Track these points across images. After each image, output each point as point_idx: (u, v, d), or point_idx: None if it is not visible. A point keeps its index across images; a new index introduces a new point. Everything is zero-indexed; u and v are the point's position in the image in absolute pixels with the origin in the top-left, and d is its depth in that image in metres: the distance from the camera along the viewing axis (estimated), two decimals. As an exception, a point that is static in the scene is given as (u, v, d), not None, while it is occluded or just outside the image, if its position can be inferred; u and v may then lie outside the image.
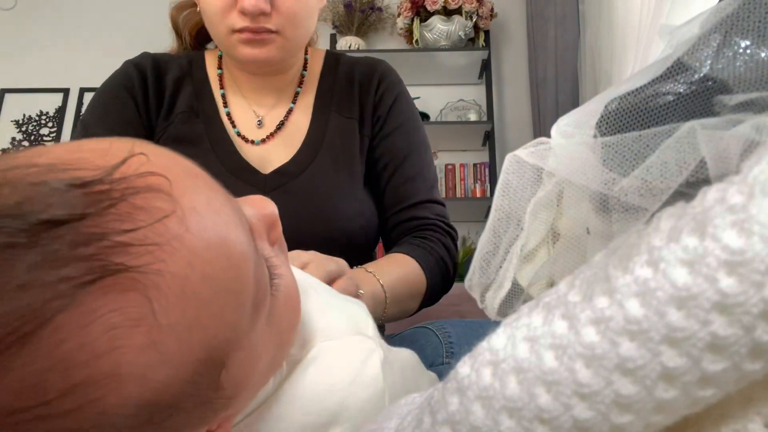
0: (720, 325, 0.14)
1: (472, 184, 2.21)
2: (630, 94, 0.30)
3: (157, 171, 0.20)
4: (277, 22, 0.58)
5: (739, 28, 0.29)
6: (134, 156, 0.20)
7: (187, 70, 0.68)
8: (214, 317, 0.20)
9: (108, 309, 0.18)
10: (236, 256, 0.21)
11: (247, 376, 0.23)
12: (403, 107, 0.69)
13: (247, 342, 0.23)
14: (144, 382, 0.19)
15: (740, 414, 0.16)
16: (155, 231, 0.19)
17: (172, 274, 0.19)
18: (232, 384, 0.22)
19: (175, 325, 0.19)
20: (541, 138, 0.32)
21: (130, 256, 0.18)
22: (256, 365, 0.24)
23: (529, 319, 0.17)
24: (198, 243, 0.20)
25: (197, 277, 0.19)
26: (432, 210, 0.66)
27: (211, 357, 0.21)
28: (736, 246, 0.15)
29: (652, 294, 0.15)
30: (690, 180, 0.27)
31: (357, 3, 2.25)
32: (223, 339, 0.21)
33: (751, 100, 0.28)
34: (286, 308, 0.26)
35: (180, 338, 0.19)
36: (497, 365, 0.17)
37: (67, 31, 2.46)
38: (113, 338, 0.18)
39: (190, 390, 0.20)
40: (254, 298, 0.23)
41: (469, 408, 0.17)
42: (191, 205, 0.20)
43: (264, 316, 0.24)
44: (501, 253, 0.33)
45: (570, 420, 0.15)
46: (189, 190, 0.21)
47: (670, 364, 0.15)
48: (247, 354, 0.23)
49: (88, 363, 0.17)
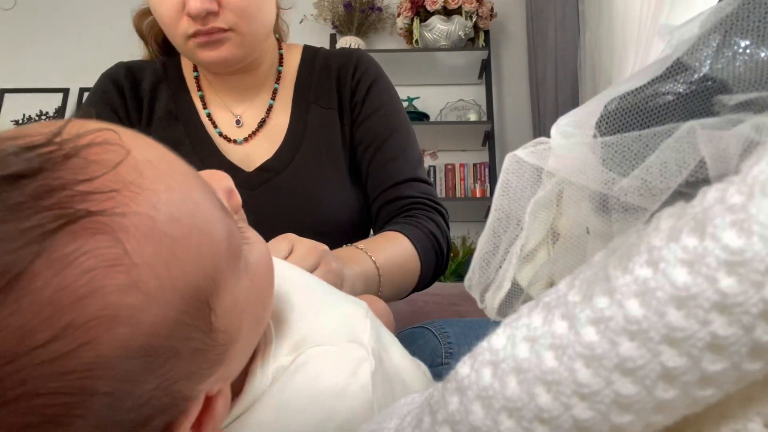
0: (720, 325, 0.14)
1: (472, 184, 2.21)
2: (630, 94, 0.30)
3: (107, 126, 0.21)
4: (228, 19, 0.57)
5: (739, 27, 0.29)
6: (72, 121, 0.21)
7: (162, 75, 0.67)
8: (190, 254, 0.21)
9: (80, 252, 0.18)
10: (201, 201, 0.22)
11: (236, 327, 0.24)
12: (381, 91, 0.68)
13: (230, 287, 0.23)
14: (134, 322, 0.19)
15: (740, 414, 0.16)
16: (111, 179, 0.20)
17: (137, 214, 0.20)
18: (223, 330, 0.22)
19: (152, 263, 0.19)
20: (540, 138, 0.32)
21: (91, 202, 0.19)
22: (243, 315, 0.24)
23: (529, 319, 0.17)
24: (157, 187, 0.21)
25: (163, 217, 0.20)
26: (417, 188, 0.65)
27: (196, 296, 0.21)
28: (735, 246, 0.15)
29: (651, 294, 0.15)
30: (690, 180, 0.27)
31: (357, 3, 2.25)
32: (204, 277, 0.21)
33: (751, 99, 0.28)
34: (260, 265, 0.26)
35: (159, 275, 0.20)
36: (497, 365, 0.17)
37: (67, 31, 2.46)
38: (92, 280, 0.18)
39: (182, 331, 0.21)
40: (228, 243, 0.23)
41: (468, 408, 0.17)
42: (144, 157, 0.21)
43: (241, 265, 0.24)
44: (501, 253, 0.33)
45: (570, 420, 0.15)
46: (138, 144, 0.22)
47: (670, 363, 0.15)
48: (231, 299, 0.23)
49: (72, 306, 0.18)
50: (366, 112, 0.66)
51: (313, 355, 0.28)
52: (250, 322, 0.25)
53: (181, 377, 0.21)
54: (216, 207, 0.23)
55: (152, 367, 0.20)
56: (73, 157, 0.20)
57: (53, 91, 2.41)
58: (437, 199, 0.66)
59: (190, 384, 0.22)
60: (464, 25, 2.13)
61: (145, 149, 0.22)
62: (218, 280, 0.22)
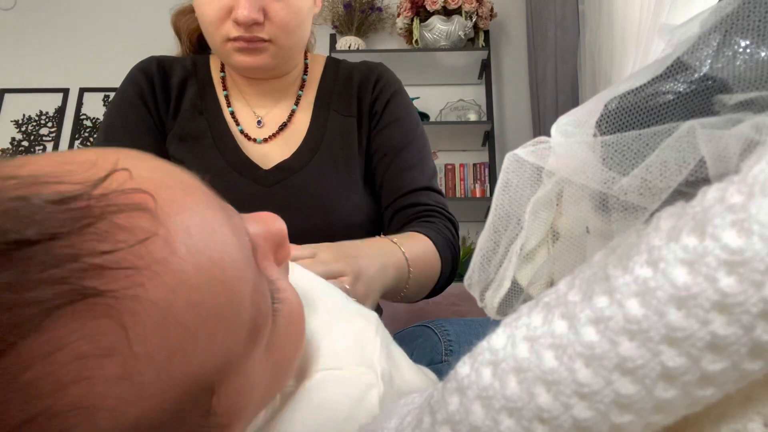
0: (719, 324, 0.14)
1: (472, 184, 2.21)
2: (630, 93, 0.30)
3: (144, 188, 0.19)
4: (270, 31, 0.60)
5: (739, 27, 0.29)
6: (119, 170, 0.19)
7: (191, 71, 0.69)
8: (201, 345, 0.19)
9: (76, 336, 0.16)
10: (230, 281, 0.20)
11: (242, 405, 0.22)
12: (401, 104, 0.70)
13: (242, 369, 0.21)
14: (117, 415, 0.17)
15: (740, 413, 0.16)
16: (135, 253, 0.17)
17: (151, 301, 0.17)
18: (224, 412, 0.21)
19: (153, 354, 0.17)
20: (540, 137, 0.32)
21: (104, 279, 0.17)
22: (252, 393, 0.22)
23: (529, 319, 0.17)
24: (185, 267, 0.18)
25: (181, 304, 0.18)
26: (432, 197, 0.66)
27: (198, 385, 0.19)
28: (735, 245, 0.15)
29: (651, 293, 0.15)
30: (689, 179, 0.27)
31: (356, 3, 2.25)
32: (211, 367, 0.19)
33: (751, 99, 0.28)
34: (287, 335, 0.24)
35: (159, 368, 0.18)
36: (497, 365, 0.17)
37: (67, 31, 2.46)
38: (81, 368, 0.16)
39: (175, 420, 0.19)
40: (251, 324, 0.21)
41: (468, 408, 0.17)
42: (182, 225, 0.19)
43: (262, 343, 0.22)
44: (501, 252, 0.33)
45: (570, 419, 0.15)
46: (180, 209, 0.19)
47: (670, 363, 0.15)
48: (241, 381, 0.21)
49: (52, 393, 0.16)
50: (385, 121, 0.68)
51: (320, 381, 0.27)
52: (264, 394, 0.23)
53: None
54: (247, 281, 0.21)
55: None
56: (100, 221, 0.17)
57: (53, 91, 2.41)
58: (450, 211, 0.68)
59: None
60: (464, 25, 2.13)
61: (186, 213, 0.19)
62: (228, 367, 0.20)
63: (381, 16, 2.33)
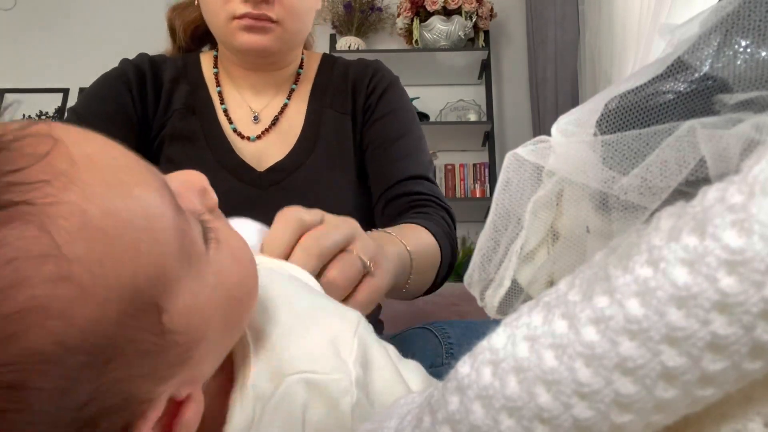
0: (720, 324, 0.14)
1: (472, 184, 2.21)
2: (630, 93, 0.30)
3: (38, 121, 0.20)
4: (278, 12, 0.59)
5: (740, 27, 0.29)
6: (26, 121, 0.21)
7: (183, 70, 0.68)
8: (127, 253, 0.20)
9: (3, 243, 0.18)
10: (141, 197, 0.21)
11: (198, 326, 0.23)
12: (395, 96, 0.69)
13: (187, 288, 0.22)
14: (67, 316, 0.18)
15: (740, 413, 0.16)
16: (41, 169, 0.19)
17: (67, 205, 0.19)
18: (181, 330, 0.22)
19: (84, 257, 0.19)
20: (541, 136, 0.32)
21: (16, 193, 0.18)
22: (206, 316, 0.23)
23: (529, 319, 0.17)
24: (91, 180, 0.20)
25: (97, 211, 0.19)
26: (425, 186, 0.63)
27: (138, 296, 0.20)
28: (736, 245, 0.15)
29: (652, 293, 0.15)
30: (690, 179, 0.27)
31: (356, 3, 2.25)
32: (146, 278, 0.20)
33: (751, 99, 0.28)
34: (231, 261, 0.25)
35: (93, 272, 0.19)
36: (497, 364, 0.17)
37: (67, 31, 2.46)
38: (17, 270, 0.17)
39: (125, 331, 0.20)
40: (179, 243, 0.22)
41: (469, 407, 0.17)
42: (81, 151, 0.20)
43: (201, 265, 0.23)
44: (501, 252, 0.33)
45: (570, 419, 0.15)
46: (78, 140, 0.21)
47: (670, 363, 0.15)
48: (189, 299, 0.22)
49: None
50: (378, 114, 0.67)
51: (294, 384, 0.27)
52: (219, 322, 0.24)
53: (129, 378, 0.20)
54: (165, 205, 0.22)
55: (91, 365, 0.19)
56: (3, 150, 0.19)
57: (53, 91, 2.41)
58: (445, 200, 0.65)
59: (144, 386, 0.21)
60: (464, 25, 2.13)
61: (85, 144, 0.21)
62: (168, 281, 0.21)
63: (381, 16, 2.33)
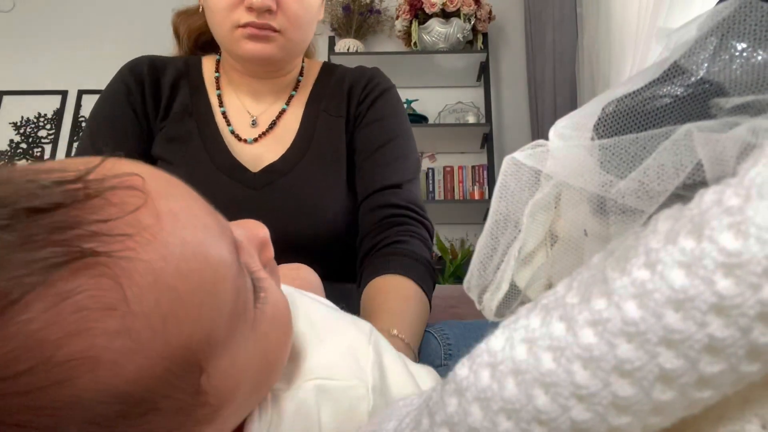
0: (717, 326, 0.14)
1: (471, 186, 2.21)
2: (627, 97, 0.30)
3: (134, 171, 0.21)
4: (281, 21, 0.60)
5: (736, 31, 0.29)
6: (110, 159, 0.22)
7: (184, 72, 0.69)
8: (190, 313, 0.20)
9: (77, 291, 0.18)
10: (213, 259, 0.22)
11: (230, 390, 0.23)
12: (387, 103, 0.69)
13: (228, 352, 0.22)
14: (117, 369, 0.19)
15: (738, 415, 0.16)
16: (127, 223, 0.20)
17: (144, 263, 0.19)
18: (214, 392, 0.22)
19: (149, 314, 0.19)
20: (538, 140, 0.32)
21: (100, 243, 0.19)
22: (240, 380, 0.23)
23: (528, 321, 0.17)
24: (172, 239, 0.20)
25: (171, 269, 0.20)
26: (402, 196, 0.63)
27: (187, 357, 0.21)
28: (732, 248, 0.15)
29: (649, 296, 0.15)
30: (687, 182, 0.27)
31: (355, 5, 2.25)
32: (199, 340, 0.21)
33: (748, 102, 0.28)
34: (273, 324, 0.25)
35: (154, 328, 0.19)
36: (495, 367, 0.17)
37: (66, 33, 2.46)
38: (83, 319, 0.18)
39: (165, 389, 0.20)
40: (233, 305, 0.23)
41: (467, 409, 0.17)
42: (167, 205, 0.21)
43: (246, 327, 0.24)
44: (499, 255, 0.33)
45: (568, 421, 0.15)
46: (166, 194, 0.22)
47: (668, 365, 0.15)
48: (228, 364, 0.23)
49: (59, 342, 0.18)
50: (366, 121, 0.68)
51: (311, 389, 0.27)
52: (253, 383, 0.24)
53: (160, 430, 0.21)
54: (228, 264, 0.23)
55: (128, 415, 0.19)
56: (95, 197, 0.20)
57: (51, 93, 2.41)
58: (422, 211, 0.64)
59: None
60: (462, 27, 2.13)
61: (172, 199, 0.22)
62: (215, 342, 0.22)
63: (380, 18, 2.33)
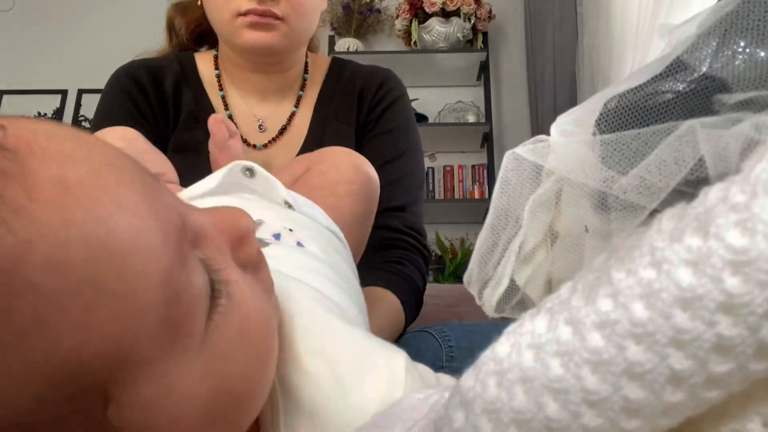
0: (725, 325, 0.14)
1: (471, 185, 2.21)
2: (629, 93, 0.30)
3: (19, 134, 0.16)
4: (284, 8, 0.59)
5: (738, 27, 0.29)
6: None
7: (181, 75, 0.67)
8: (70, 321, 0.15)
9: None
10: (123, 248, 0.16)
11: (161, 427, 0.17)
12: (399, 113, 0.69)
13: (157, 375, 0.16)
14: None
15: (739, 413, 0.16)
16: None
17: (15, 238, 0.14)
18: (133, 429, 0.16)
19: (7, 319, 0.14)
20: (540, 136, 0.32)
21: None
22: (179, 416, 0.17)
23: (533, 326, 0.17)
24: (48, 218, 0.15)
25: (38, 259, 0.14)
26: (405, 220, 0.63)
27: (77, 379, 0.15)
28: (739, 245, 0.14)
29: (656, 296, 0.15)
30: (689, 178, 0.27)
31: (355, 5, 2.25)
32: (95, 356, 0.15)
33: (750, 98, 0.28)
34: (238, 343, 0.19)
35: (5, 343, 0.14)
36: (502, 375, 0.16)
37: (65, 32, 2.45)
38: None
39: (41, 426, 0.15)
40: (165, 311, 0.16)
41: (476, 423, 0.16)
42: (56, 173, 0.15)
43: (192, 344, 0.17)
44: (499, 250, 0.33)
45: (579, 429, 0.15)
46: (61, 156, 0.16)
47: (678, 366, 0.14)
48: (155, 392, 0.16)
49: None
50: (378, 130, 0.67)
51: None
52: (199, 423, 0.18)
53: None
54: (159, 258, 0.16)
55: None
56: None
57: (51, 92, 2.40)
58: (422, 238, 0.64)
59: None
60: (462, 26, 2.13)
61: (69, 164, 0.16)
62: (130, 363, 0.16)
63: (380, 17, 2.33)
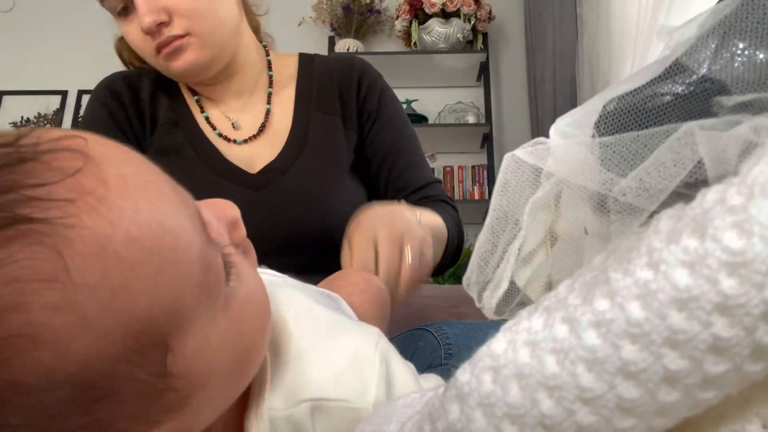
0: (721, 326, 0.14)
1: (470, 186, 2.21)
2: (628, 95, 0.30)
3: (76, 134, 0.19)
4: (181, 24, 0.57)
5: (737, 29, 0.29)
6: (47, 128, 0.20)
7: (158, 83, 0.68)
8: (145, 285, 0.18)
9: (10, 261, 0.16)
10: (171, 225, 0.20)
11: (201, 374, 0.21)
12: (389, 101, 0.71)
13: (198, 331, 0.20)
14: (60, 349, 0.17)
15: (738, 415, 0.16)
16: (67, 187, 0.18)
17: (88, 230, 0.17)
18: (181, 376, 0.20)
19: (95, 286, 0.17)
20: (539, 138, 0.32)
21: (36, 209, 0.17)
22: (212, 364, 0.21)
23: (530, 323, 0.17)
24: (121, 204, 0.18)
25: (120, 237, 0.18)
26: (438, 189, 0.72)
27: (148, 333, 0.18)
28: (736, 247, 0.14)
29: (653, 296, 0.15)
30: (688, 181, 0.27)
31: (355, 5, 2.25)
32: (161, 313, 0.19)
33: (749, 101, 0.28)
34: (247, 307, 0.23)
35: (102, 302, 0.17)
36: (498, 371, 0.17)
37: (65, 33, 2.45)
38: (17, 292, 0.16)
39: (124, 370, 0.18)
40: (201, 278, 0.20)
41: (470, 416, 0.17)
42: (116, 171, 0.19)
43: (218, 306, 0.22)
44: (499, 252, 0.33)
45: (573, 425, 0.15)
46: (114, 158, 0.20)
47: (673, 366, 0.14)
48: (198, 344, 0.20)
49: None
50: (380, 123, 0.69)
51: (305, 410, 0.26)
52: (226, 370, 0.22)
53: (118, 419, 0.19)
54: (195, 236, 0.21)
55: (77, 402, 0.17)
56: (30, 161, 0.18)
57: (51, 93, 2.40)
58: (453, 201, 0.74)
59: (134, 427, 0.19)
60: (462, 27, 2.13)
61: (121, 163, 0.20)
62: (182, 318, 0.20)
63: (380, 18, 2.33)
